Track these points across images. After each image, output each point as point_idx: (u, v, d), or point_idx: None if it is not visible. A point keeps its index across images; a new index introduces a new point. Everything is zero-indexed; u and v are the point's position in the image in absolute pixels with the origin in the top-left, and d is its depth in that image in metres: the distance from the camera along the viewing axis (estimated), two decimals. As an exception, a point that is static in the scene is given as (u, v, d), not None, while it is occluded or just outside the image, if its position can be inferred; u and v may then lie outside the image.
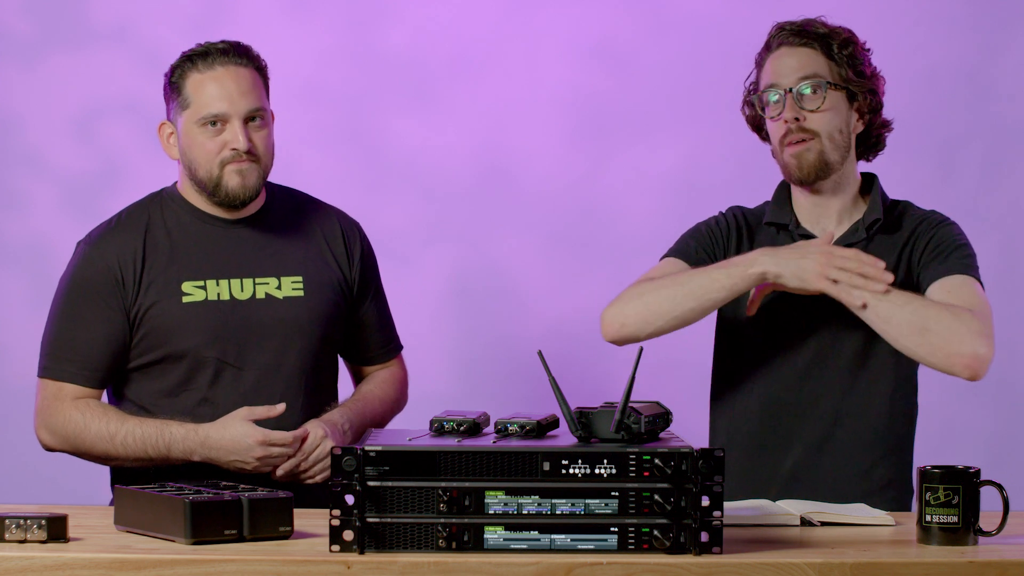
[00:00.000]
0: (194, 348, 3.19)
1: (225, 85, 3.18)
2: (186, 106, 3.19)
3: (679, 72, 4.31)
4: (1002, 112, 4.34)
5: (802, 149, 3.13)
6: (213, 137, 3.18)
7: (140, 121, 4.31)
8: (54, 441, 3.23)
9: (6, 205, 4.32)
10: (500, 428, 2.57)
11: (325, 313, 3.28)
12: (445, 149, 4.36)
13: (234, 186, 3.19)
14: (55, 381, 3.23)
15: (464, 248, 3.76)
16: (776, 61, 3.15)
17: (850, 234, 3.16)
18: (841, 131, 3.14)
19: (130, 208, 3.31)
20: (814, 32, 3.14)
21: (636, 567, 2.40)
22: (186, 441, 3.11)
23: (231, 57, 3.20)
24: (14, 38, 4.31)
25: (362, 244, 3.38)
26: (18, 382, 4.31)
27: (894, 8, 4.32)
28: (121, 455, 3.15)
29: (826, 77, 3.13)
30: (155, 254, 3.23)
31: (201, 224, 3.26)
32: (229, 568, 2.40)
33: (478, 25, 4.37)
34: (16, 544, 2.48)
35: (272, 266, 3.26)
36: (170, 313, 3.19)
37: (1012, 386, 4.31)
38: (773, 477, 3.14)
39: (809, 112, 3.11)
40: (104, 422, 3.16)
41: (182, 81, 3.20)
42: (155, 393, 3.22)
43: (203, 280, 3.22)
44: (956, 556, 2.47)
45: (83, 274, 3.23)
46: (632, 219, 4.33)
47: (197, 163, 3.20)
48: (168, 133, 3.26)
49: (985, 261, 3.17)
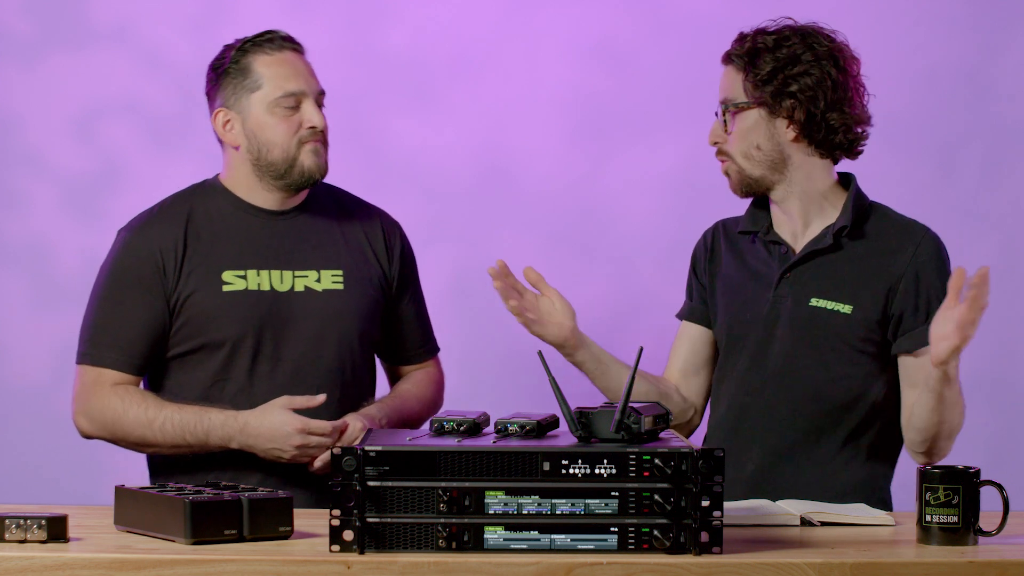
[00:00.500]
0: (233, 337, 3.20)
1: (297, 66, 3.25)
2: (256, 87, 3.22)
3: (679, 72, 4.31)
4: (1002, 112, 4.34)
5: (724, 168, 3.20)
6: (288, 116, 3.21)
7: (140, 121, 4.31)
8: (92, 428, 3.23)
9: (6, 205, 4.32)
10: (500, 428, 2.57)
11: (363, 308, 3.28)
12: (445, 149, 4.36)
13: (310, 165, 3.22)
14: (94, 367, 3.23)
15: (464, 248, 3.76)
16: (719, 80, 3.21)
17: (817, 240, 3.16)
18: (759, 147, 3.14)
19: (172, 197, 3.33)
20: (738, 48, 3.15)
21: (636, 567, 2.40)
22: (225, 428, 3.12)
23: (293, 44, 3.28)
24: (14, 38, 4.31)
25: (402, 243, 3.39)
26: (18, 382, 4.31)
27: (894, 8, 4.32)
28: (159, 441, 3.16)
29: (735, 99, 3.14)
30: (196, 243, 3.24)
31: (243, 215, 3.27)
32: (229, 568, 2.40)
33: (478, 25, 4.37)
34: (16, 544, 2.48)
35: (312, 259, 3.27)
36: (210, 301, 3.20)
37: (1012, 386, 4.31)
38: (736, 481, 3.14)
39: (726, 134, 3.16)
40: (143, 408, 3.16)
41: (249, 65, 3.23)
42: (193, 382, 3.22)
43: (244, 270, 3.23)
44: (956, 556, 2.47)
45: (125, 261, 3.24)
46: (632, 219, 4.33)
47: (271, 144, 3.22)
48: (225, 121, 3.26)
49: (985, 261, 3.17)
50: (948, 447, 3.09)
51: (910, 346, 3.11)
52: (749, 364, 3.18)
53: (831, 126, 3.12)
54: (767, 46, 3.12)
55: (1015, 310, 4.26)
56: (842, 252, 3.15)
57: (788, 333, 3.14)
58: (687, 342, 3.31)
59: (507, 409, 2.70)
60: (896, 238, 3.15)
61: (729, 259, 3.26)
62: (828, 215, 3.18)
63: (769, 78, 3.11)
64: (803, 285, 3.15)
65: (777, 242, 3.19)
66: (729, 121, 3.15)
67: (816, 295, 3.14)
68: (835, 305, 3.13)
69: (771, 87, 3.11)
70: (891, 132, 3.25)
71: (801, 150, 3.15)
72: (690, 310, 3.31)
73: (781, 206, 3.19)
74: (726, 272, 3.26)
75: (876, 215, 3.19)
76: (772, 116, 3.13)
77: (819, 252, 3.15)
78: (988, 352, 4.26)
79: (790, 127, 3.13)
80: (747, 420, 3.17)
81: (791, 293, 3.15)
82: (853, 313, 3.12)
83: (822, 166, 3.17)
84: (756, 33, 3.15)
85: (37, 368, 4.31)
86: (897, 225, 3.18)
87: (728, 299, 3.23)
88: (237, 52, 3.25)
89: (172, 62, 4.31)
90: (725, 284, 3.25)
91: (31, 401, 4.31)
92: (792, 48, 3.11)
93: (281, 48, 3.25)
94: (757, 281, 3.20)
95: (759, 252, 3.22)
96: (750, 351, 3.18)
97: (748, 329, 3.18)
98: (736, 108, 3.14)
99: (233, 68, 3.24)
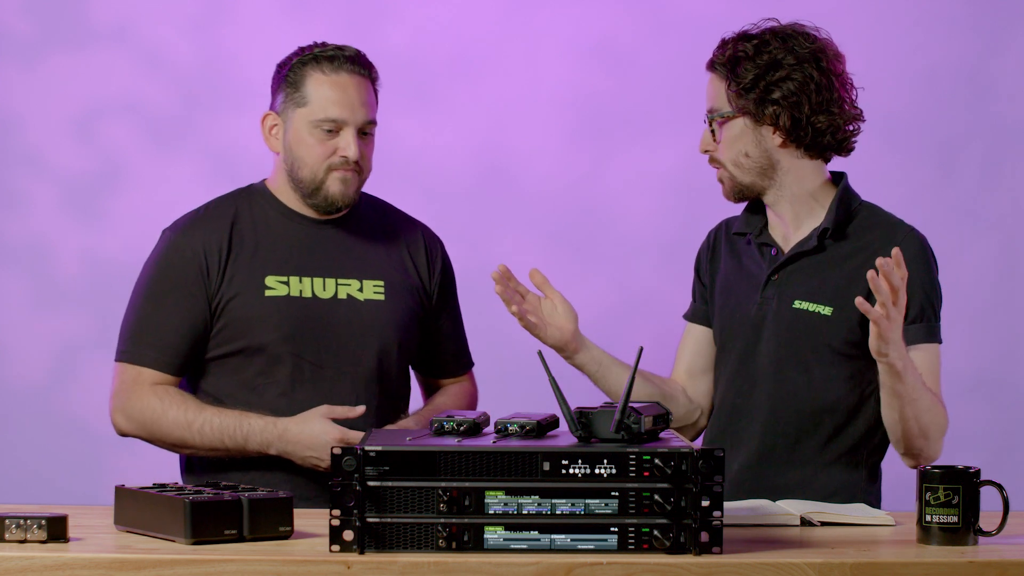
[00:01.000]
0: (272, 342, 3.20)
1: (348, 92, 3.20)
2: (302, 104, 3.20)
3: (679, 72, 4.31)
4: (1002, 112, 4.34)
5: (718, 176, 3.19)
6: (325, 140, 3.20)
7: (140, 121, 4.31)
8: (130, 427, 3.21)
9: (6, 205, 4.32)
10: (500, 428, 2.57)
11: (403, 318, 3.29)
12: (445, 149, 4.36)
13: (334, 193, 3.21)
14: (134, 366, 3.21)
15: (464, 248, 3.75)
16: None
17: (804, 242, 3.16)
18: (748, 154, 3.13)
19: (217, 200, 3.32)
20: (719, 57, 3.14)
21: (636, 567, 2.40)
22: (264, 433, 3.12)
23: (356, 66, 3.23)
24: (14, 38, 4.31)
25: (443, 259, 3.40)
26: (18, 382, 4.32)
27: (894, 8, 4.32)
28: (197, 444, 3.16)
29: (721, 108, 3.14)
30: (240, 246, 3.24)
31: (287, 221, 3.27)
32: (229, 568, 2.40)
33: (478, 25, 4.37)
34: (16, 544, 2.48)
35: (355, 268, 3.27)
36: (251, 305, 3.20)
37: (1012, 386, 4.31)
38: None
39: (716, 143, 3.15)
40: (182, 409, 3.16)
41: (302, 78, 3.21)
42: (231, 386, 3.22)
43: (286, 276, 3.23)
44: (956, 556, 2.47)
45: (168, 261, 3.23)
46: (632, 219, 4.34)
47: (302, 162, 3.21)
48: (271, 125, 3.26)
49: (985, 261, 3.17)
50: (930, 448, 3.03)
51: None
52: (738, 366, 3.18)
53: (818, 129, 3.10)
54: (747, 53, 3.10)
55: (1015, 310, 4.27)
56: (826, 254, 3.14)
57: (773, 335, 3.14)
58: (692, 343, 3.31)
59: (507, 409, 2.70)
60: (879, 238, 3.13)
61: (727, 259, 3.27)
62: (817, 216, 3.17)
63: (751, 86, 3.10)
64: (788, 287, 3.15)
65: (768, 244, 3.20)
66: (717, 130, 3.15)
67: (799, 297, 3.14)
68: (816, 307, 3.12)
69: (754, 95, 3.10)
70: (891, 132, 3.24)
71: (790, 154, 3.14)
72: (694, 311, 3.31)
73: (774, 209, 3.19)
74: (724, 273, 3.26)
75: (863, 215, 3.18)
76: (757, 124, 3.12)
77: (804, 254, 3.15)
78: (988, 352, 4.27)
79: (776, 133, 3.12)
80: (736, 421, 3.18)
81: (776, 295, 3.15)
82: (833, 315, 3.11)
83: (812, 167, 3.16)
84: (737, 40, 3.13)
85: (37, 368, 4.31)
86: (882, 224, 3.16)
87: (723, 300, 3.24)
88: (298, 62, 3.22)
89: (172, 62, 4.32)
90: (722, 285, 3.26)
91: (31, 401, 4.31)
92: (772, 53, 3.09)
93: (338, 69, 3.20)
94: (749, 283, 3.20)
95: (753, 253, 3.22)
96: (739, 353, 3.18)
97: (738, 331, 3.19)
98: (722, 118, 3.14)
99: (290, 76, 3.22)
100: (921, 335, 3.08)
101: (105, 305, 3.80)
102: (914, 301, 3.05)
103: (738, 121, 3.12)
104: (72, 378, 4.30)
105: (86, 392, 4.25)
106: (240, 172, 3.42)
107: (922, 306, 3.08)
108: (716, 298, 3.26)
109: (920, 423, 2.99)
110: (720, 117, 3.13)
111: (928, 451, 3.04)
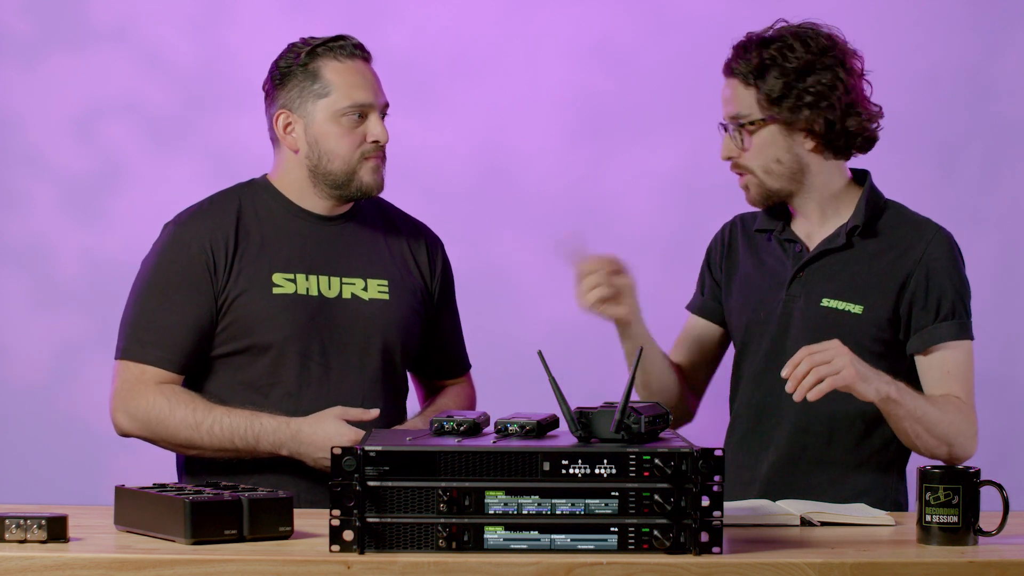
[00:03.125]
0: (279, 341, 3.15)
1: (366, 76, 3.21)
2: (324, 94, 3.17)
3: (679, 72, 4.31)
4: (1002, 112, 4.34)
5: (743, 182, 3.16)
6: (353, 128, 3.17)
7: (140, 121, 4.31)
8: (133, 426, 3.14)
9: (6, 205, 4.32)
10: (500, 428, 2.58)
11: (407, 319, 3.27)
12: (445, 149, 4.36)
13: (368, 181, 3.19)
14: (137, 364, 3.14)
15: (464, 248, 3.75)
16: (722, 91, 3.16)
17: (831, 239, 3.15)
18: (779, 160, 3.11)
19: (220, 193, 3.27)
20: (743, 63, 3.10)
21: (636, 567, 2.40)
22: (277, 434, 3.07)
23: (363, 52, 3.23)
24: (14, 38, 4.31)
25: (443, 260, 3.39)
26: (18, 382, 4.31)
27: (894, 8, 4.32)
28: (206, 444, 3.10)
29: (750, 116, 3.10)
30: (247, 241, 3.19)
31: (292, 218, 3.23)
32: (229, 568, 2.40)
33: (478, 25, 4.37)
34: (16, 544, 2.48)
35: (359, 267, 3.24)
36: (259, 303, 3.15)
37: (1012, 386, 4.31)
38: (751, 481, 3.14)
39: (741, 149, 3.12)
40: (191, 409, 3.10)
41: (320, 68, 3.17)
42: (237, 385, 3.17)
43: (293, 273, 3.19)
44: (956, 556, 2.47)
45: (172, 255, 3.18)
46: (632, 219, 4.33)
47: (333, 154, 3.18)
48: (286, 123, 3.21)
49: (985, 261, 3.17)
50: (957, 450, 3.03)
51: (921, 346, 3.10)
52: (764, 364, 3.17)
53: (851, 132, 3.11)
54: (774, 60, 3.08)
55: (1015, 310, 4.26)
56: (854, 251, 3.14)
57: (800, 333, 3.12)
58: (692, 336, 3.29)
59: (507, 409, 2.70)
60: (908, 236, 3.14)
61: (747, 256, 3.24)
62: (843, 213, 3.17)
63: (783, 94, 3.08)
64: (815, 285, 3.14)
65: (792, 240, 3.18)
66: (744, 137, 3.12)
67: (828, 295, 3.13)
68: (846, 305, 3.12)
69: (787, 103, 3.08)
70: (891, 132, 3.23)
71: (819, 157, 3.13)
72: (700, 305, 3.29)
73: (800, 210, 3.18)
74: (744, 270, 3.24)
75: (890, 213, 3.18)
76: (790, 130, 3.11)
77: (832, 251, 3.14)
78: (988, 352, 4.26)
79: (808, 138, 3.11)
80: (763, 421, 3.16)
81: (803, 293, 3.14)
82: (864, 313, 3.11)
83: (838, 167, 3.17)
84: (758, 45, 3.10)
85: (37, 368, 4.31)
86: (910, 223, 3.17)
87: (745, 298, 3.22)
88: (307, 54, 3.18)
89: (172, 62, 4.31)
90: (742, 282, 3.24)
91: (31, 401, 4.31)
92: (800, 59, 3.07)
93: (352, 56, 3.19)
94: (772, 280, 3.19)
95: (775, 250, 3.21)
96: (765, 351, 3.17)
97: (763, 328, 3.17)
98: (752, 125, 3.11)
99: (300, 70, 3.18)
100: (953, 332, 3.08)
101: (105, 305, 3.80)
102: (945, 299, 3.06)
103: (770, 128, 3.10)
104: (72, 378, 4.29)
105: (86, 392, 4.25)
106: (240, 172, 3.42)
107: (953, 303, 3.08)
108: (733, 295, 3.24)
109: (935, 434, 3.00)
110: (750, 124, 3.11)
111: (956, 452, 3.04)
